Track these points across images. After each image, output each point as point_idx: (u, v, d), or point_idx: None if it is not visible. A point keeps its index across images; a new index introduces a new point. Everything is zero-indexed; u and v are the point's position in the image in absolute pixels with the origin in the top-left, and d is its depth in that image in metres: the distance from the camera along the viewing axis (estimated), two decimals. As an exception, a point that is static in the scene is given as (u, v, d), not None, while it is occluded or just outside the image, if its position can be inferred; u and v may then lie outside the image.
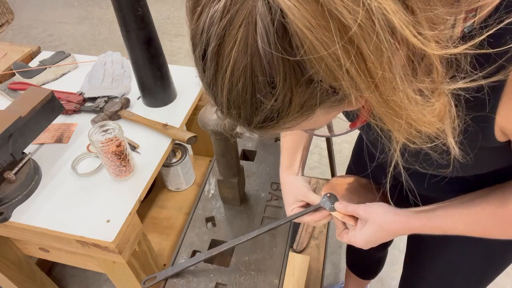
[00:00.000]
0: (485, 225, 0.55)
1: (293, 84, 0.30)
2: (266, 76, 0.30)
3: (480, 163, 0.52)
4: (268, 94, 0.31)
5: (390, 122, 0.35)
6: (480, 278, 0.77)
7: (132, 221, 0.89)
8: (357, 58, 0.28)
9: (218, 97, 0.34)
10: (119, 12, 0.96)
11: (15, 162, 0.92)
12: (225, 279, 0.84)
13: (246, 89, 0.31)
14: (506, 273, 1.54)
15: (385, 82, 0.30)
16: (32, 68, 1.29)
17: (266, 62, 0.29)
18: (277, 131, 0.37)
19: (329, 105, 0.34)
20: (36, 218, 0.88)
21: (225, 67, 0.31)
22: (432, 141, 0.39)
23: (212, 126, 0.79)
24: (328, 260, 1.62)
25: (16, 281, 1.11)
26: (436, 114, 0.36)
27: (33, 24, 3.47)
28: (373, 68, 0.29)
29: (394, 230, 0.61)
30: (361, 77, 0.29)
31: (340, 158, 2.00)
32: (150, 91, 1.15)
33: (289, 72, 0.30)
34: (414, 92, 0.33)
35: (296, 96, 0.31)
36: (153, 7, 1.10)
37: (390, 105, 0.32)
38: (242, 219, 0.96)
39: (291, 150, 0.79)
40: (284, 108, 0.32)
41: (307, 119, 0.34)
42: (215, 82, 0.33)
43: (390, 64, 0.29)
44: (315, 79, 0.30)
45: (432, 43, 0.30)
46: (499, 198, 0.53)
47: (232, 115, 0.35)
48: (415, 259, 0.87)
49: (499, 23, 0.35)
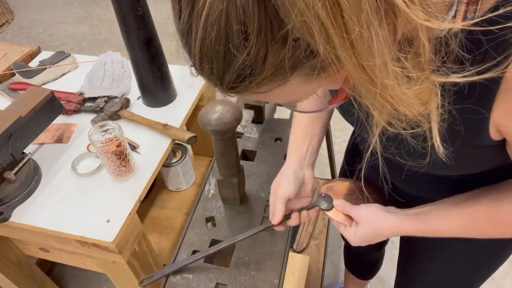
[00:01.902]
0: (480, 227, 0.55)
1: (268, 38, 0.29)
2: (241, 25, 0.29)
3: (472, 162, 0.51)
4: (241, 46, 0.30)
5: (365, 94, 0.33)
6: (474, 276, 0.76)
7: (132, 221, 0.89)
8: (332, 6, 0.27)
9: (191, 48, 0.33)
10: (119, 12, 0.96)
11: (15, 162, 0.92)
12: (225, 279, 0.84)
13: (220, 39, 0.30)
14: (506, 272, 1.55)
15: (361, 42, 0.29)
16: (32, 68, 1.29)
17: (241, 8, 0.28)
18: (251, 94, 0.35)
19: (306, 73, 0.32)
20: (36, 218, 0.88)
21: (200, 12, 0.30)
22: (411, 128, 0.38)
23: (212, 126, 0.79)
24: (328, 260, 1.62)
25: (16, 281, 1.11)
26: (418, 97, 0.35)
27: (33, 24, 3.47)
28: (350, 23, 0.28)
29: (386, 233, 0.62)
30: (336, 31, 0.28)
31: (340, 158, 2.00)
32: (150, 91, 1.15)
33: (264, 24, 0.28)
34: (394, 62, 0.32)
35: (270, 54, 0.30)
36: (153, 7, 1.10)
37: (365, 71, 0.31)
38: (242, 219, 0.96)
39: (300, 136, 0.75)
40: (257, 65, 0.31)
41: (282, 84, 0.33)
42: (189, 29, 0.32)
43: (368, 20, 0.28)
44: (292, 37, 0.29)
45: (419, 9, 0.29)
46: (493, 199, 0.53)
47: (204, 70, 0.34)
48: (408, 259, 0.87)
49: (495, 10, 0.34)
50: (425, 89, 0.35)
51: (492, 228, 0.54)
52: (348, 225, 0.67)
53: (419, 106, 0.35)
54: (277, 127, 1.21)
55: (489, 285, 1.50)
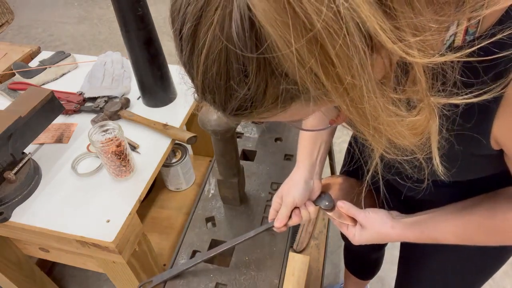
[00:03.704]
0: (473, 236, 0.57)
1: (268, 75, 0.29)
2: (240, 65, 0.29)
3: (471, 170, 0.52)
4: (242, 83, 0.30)
5: (361, 129, 0.34)
6: (475, 276, 0.76)
7: (132, 221, 0.89)
8: (323, 60, 0.27)
9: (194, 79, 0.33)
10: (119, 12, 0.96)
11: (15, 162, 0.92)
12: (225, 279, 0.84)
13: (221, 74, 0.30)
14: (506, 273, 1.55)
15: (354, 89, 0.29)
16: (32, 68, 1.29)
17: (239, 50, 0.28)
18: (253, 119, 0.36)
19: (304, 101, 0.33)
20: (36, 218, 0.88)
21: (200, 50, 0.30)
22: (406, 155, 0.38)
23: (212, 126, 0.79)
24: (328, 260, 1.62)
25: (16, 281, 1.11)
26: (413, 128, 0.35)
27: (33, 24, 3.47)
28: (342, 73, 0.28)
29: (390, 239, 0.65)
30: (327, 81, 0.28)
31: (340, 158, 2.00)
32: (150, 91, 1.15)
33: (262, 63, 0.29)
34: (389, 103, 0.32)
35: (270, 87, 0.30)
36: (153, 7, 1.09)
37: (359, 113, 0.31)
38: (242, 219, 0.96)
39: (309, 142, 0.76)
40: (257, 98, 0.31)
41: (283, 111, 0.33)
42: (190, 63, 0.32)
43: (359, 71, 0.28)
44: (288, 75, 0.29)
45: (414, 50, 0.29)
46: (487, 209, 0.54)
47: (207, 99, 0.34)
48: (409, 260, 0.87)
49: (492, 36, 0.34)
50: (421, 119, 0.35)
51: (486, 237, 0.56)
52: (351, 225, 0.67)
53: (414, 138, 0.36)
54: (277, 127, 1.21)
55: (489, 285, 1.50)
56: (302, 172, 0.73)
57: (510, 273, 1.55)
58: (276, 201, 0.74)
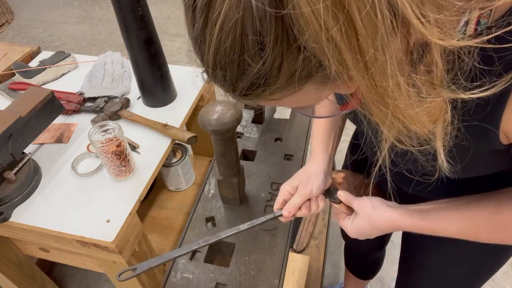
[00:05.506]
0: (477, 231, 0.54)
1: (284, 48, 0.28)
2: (257, 35, 0.28)
3: (478, 166, 0.51)
4: (257, 56, 0.29)
5: (376, 112, 0.33)
6: (476, 276, 0.76)
7: (132, 221, 0.89)
8: (347, 28, 0.26)
9: (204, 55, 0.32)
10: (119, 12, 0.96)
11: (15, 162, 0.92)
12: (225, 279, 0.84)
13: (235, 48, 0.29)
14: (506, 273, 1.55)
15: (376, 64, 0.28)
16: (32, 68, 1.29)
17: (258, 19, 0.27)
18: (263, 101, 0.35)
19: (319, 81, 0.32)
20: (36, 218, 0.88)
21: (215, 21, 0.29)
22: (420, 145, 0.37)
23: (212, 126, 0.79)
24: (328, 260, 1.62)
25: (16, 281, 1.11)
26: (429, 114, 0.34)
27: (33, 24, 3.47)
28: (365, 45, 0.27)
29: (382, 226, 0.61)
30: (350, 54, 0.27)
31: (340, 157, 2.00)
32: (150, 91, 1.15)
33: (281, 34, 0.28)
34: (407, 83, 0.31)
35: (286, 63, 0.29)
36: (153, 7, 1.10)
37: (378, 91, 0.30)
38: (242, 219, 0.96)
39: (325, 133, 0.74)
40: (272, 75, 0.30)
41: (295, 92, 0.32)
42: (203, 37, 0.31)
43: (384, 43, 0.27)
44: (306, 48, 0.28)
45: (434, 28, 0.28)
46: (494, 204, 0.53)
47: (217, 77, 0.33)
48: (409, 260, 0.87)
49: (507, 26, 0.33)
50: (436, 106, 0.34)
51: (491, 233, 0.54)
52: (348, 216, 0.67)
53: (429, 124, 0.35)
54: (277, 127, 1.21)
55: (489, 285, 1.50)
56: (320, 164, 0.72)
57: (510, 273, 1.55)
58: (286, 190, 0.72)
